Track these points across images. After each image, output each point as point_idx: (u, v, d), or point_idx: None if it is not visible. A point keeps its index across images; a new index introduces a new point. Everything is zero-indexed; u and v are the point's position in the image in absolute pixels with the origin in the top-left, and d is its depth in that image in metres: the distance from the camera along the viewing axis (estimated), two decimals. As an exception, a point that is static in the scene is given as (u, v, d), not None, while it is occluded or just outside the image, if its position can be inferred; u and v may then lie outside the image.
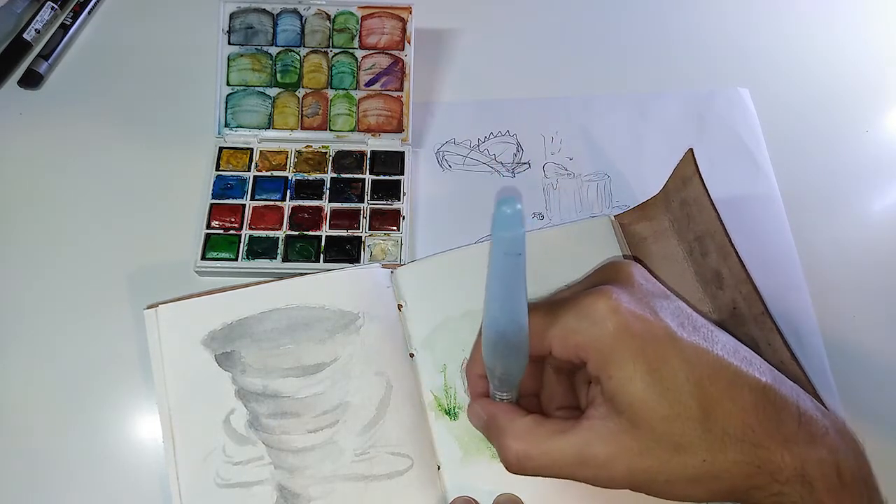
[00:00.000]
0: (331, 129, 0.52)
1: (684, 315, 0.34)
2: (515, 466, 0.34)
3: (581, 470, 0.32)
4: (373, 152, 0.52)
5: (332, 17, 0.53)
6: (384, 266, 0.47)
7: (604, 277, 0.36)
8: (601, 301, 0.32)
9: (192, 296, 0.44)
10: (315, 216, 0.50)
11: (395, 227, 0.49)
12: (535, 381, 0.38)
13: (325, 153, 0.52)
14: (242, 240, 0.48)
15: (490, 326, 0.31)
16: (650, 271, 0.37)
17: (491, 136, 0.54)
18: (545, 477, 0.33)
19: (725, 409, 0.31)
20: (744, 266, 0.41)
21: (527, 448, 0.33)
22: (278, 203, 0.50)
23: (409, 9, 0.53)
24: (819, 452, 0.30)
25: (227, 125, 0.52)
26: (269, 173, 0.51)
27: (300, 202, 0.50)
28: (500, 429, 0.34)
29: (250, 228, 0.49)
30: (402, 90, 0.53)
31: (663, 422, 0.31)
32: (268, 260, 0.48)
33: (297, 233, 0.49)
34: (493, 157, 0.54)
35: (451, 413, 0.42)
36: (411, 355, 0.44)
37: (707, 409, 0.31)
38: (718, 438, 0.30)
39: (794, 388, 0.33)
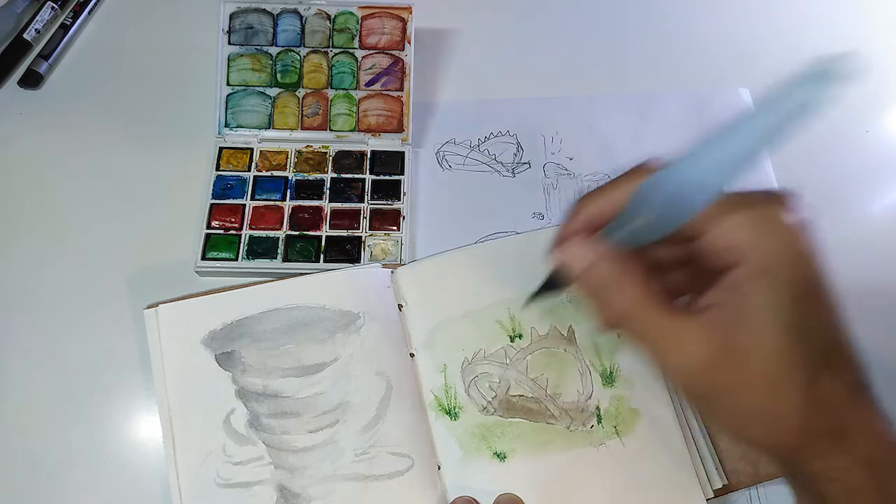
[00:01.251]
0: (331, 129, 0.52)
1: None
2: (611, 321, 0.32)
3: (661, 355, 0.31)
4: (373, 152, 0.52)
5: (333, 17, 0.53)
6: (384, 266, 0.47)
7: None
8: (789, 219, 0.30)
9: (192, 296, 0.44)
10: (315, 216, 0.50)
11: (395, 227, 0.49)
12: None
13: (325, 153, 0.52)
14: (242, 240, 0.48)
15: (683, 172, 0.27)
16: None
17: (491, 136, 0.54)
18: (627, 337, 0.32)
19: (833, 383, 0.30)
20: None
21: (639, 311, 0.31)
22: (278, 203, 0.50)
23: (409, 9, 0.53)
24: (893, 455, 0.30)
25: (227, 125, 0.52)
26: (269, 173, 0.51)
27: (300, 202, 0.50)
28: (617, 280, 0.31)
29: (250, 228, 0.49)
30: (402, 90, 0.53)
31: (776, 356, 0.29)
32: (268, 260, 0.48)
33: (297, 233, 0.49)
34: (493, 157, 0.53)
35: (451, 413, 0.42)
36: (411, 355, 0.44)
37: (816, 374, 0.30)
38: (811, 402, 0.30)
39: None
